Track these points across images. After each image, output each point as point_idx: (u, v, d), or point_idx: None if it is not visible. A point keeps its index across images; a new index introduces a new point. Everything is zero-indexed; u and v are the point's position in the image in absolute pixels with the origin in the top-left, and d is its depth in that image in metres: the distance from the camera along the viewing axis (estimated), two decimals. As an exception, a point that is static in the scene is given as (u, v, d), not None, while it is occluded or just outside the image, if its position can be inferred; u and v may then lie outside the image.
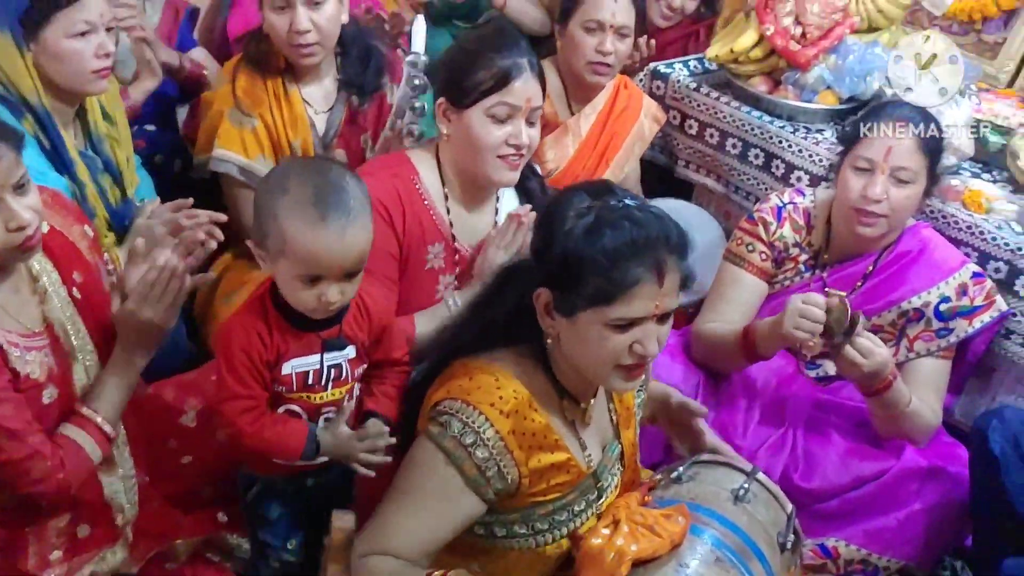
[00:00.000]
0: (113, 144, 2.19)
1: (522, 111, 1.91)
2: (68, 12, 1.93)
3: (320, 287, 1.56)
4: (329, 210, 1.52)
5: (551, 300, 1.47)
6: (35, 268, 1.60)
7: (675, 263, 1.44)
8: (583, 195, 1.47)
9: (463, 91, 1.91)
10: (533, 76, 1.91)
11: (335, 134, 2.43)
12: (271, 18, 2.24)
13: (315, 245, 1.52)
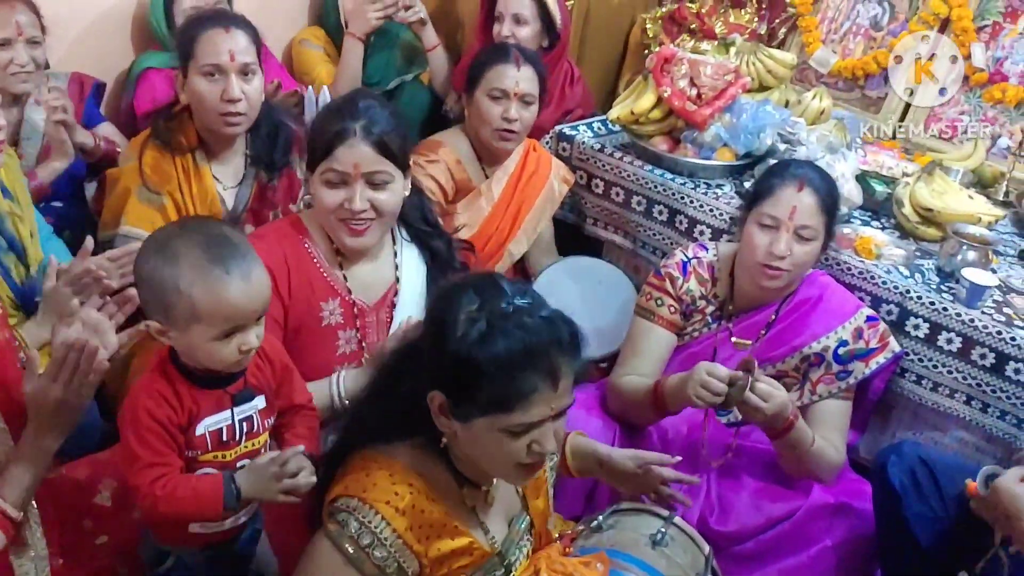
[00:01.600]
0: (15, 221, 2.15)
1: (352, 176, 1.92)
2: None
3: (238, 337, 1.55)
4: (227, 262, 1.52)
5: (445, 403, 1.46)
6: (-58, 349, 1.58)
7: (568, 364, 1.43)
8: (472, 294, 1.44)
9: (309, 158, 1.99)
10: (364, 140, 1.91)
11: (244, 209, 2.44)
12: (201, 85, 2.26)
13: (228, 300, 1.51)
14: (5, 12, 2.53)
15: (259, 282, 1.56)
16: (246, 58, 2.29)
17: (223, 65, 2.25)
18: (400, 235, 2.13)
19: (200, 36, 2.26)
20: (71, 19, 2.89)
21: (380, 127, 1.92)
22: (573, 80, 3.29)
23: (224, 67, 2.25)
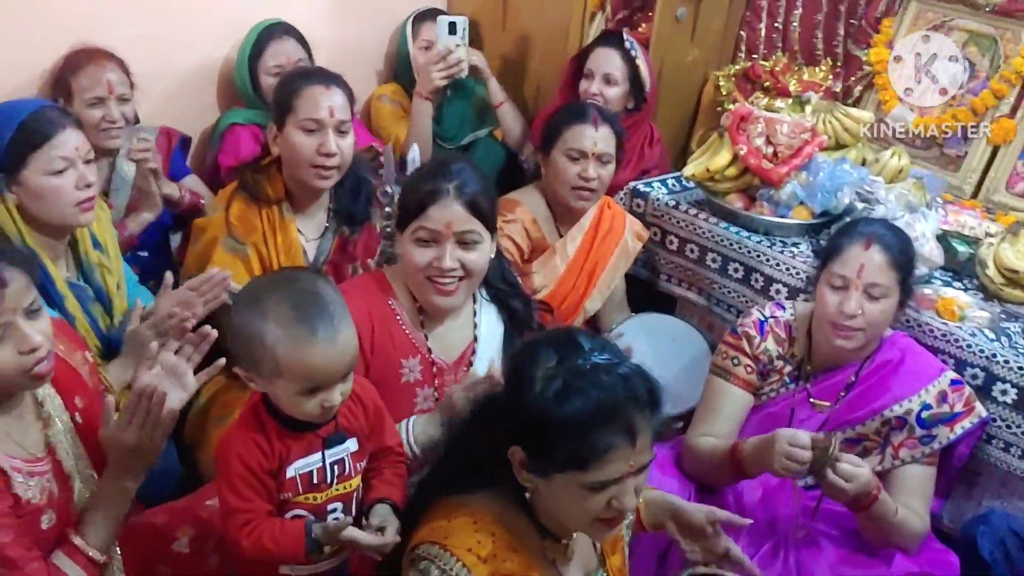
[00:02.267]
0: (104, 272, 2.23)
1: (443, 235, 1.95)
2: (43, 151, 1.99)
3: (321, 395, 1.57)
4: (315, 322, 1.53)
5: (524, 459, 1.47)
6: (39, 394, 1.63)
7: (646, 420, 1.43)
8: (550, 351, 1.46)
9: (400, 217, 2.01)
10: (457, 200, 1.94)
11: (324, 261, 2.49)
12: (298, 138, 2.32)
13: (311, 361, 1.53)
14: (97, 71, 2.65)
15: (345, 343, 1.58)
16: (343, 115, 2.36)
17: (323, 120, 2.31)
18: (480, 295, 2.15)
19: (301, 91, 2.33)
20: (161, 76, 3.00)
21: (472, 188, 1.96)
22: (652, 141, 3.31)
23: (323, 122, 2.32)
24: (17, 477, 1.52)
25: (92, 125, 2.63)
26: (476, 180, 1.98)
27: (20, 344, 1.47)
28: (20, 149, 1.99)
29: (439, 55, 3.11)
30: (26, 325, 1.48)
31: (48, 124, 2.01)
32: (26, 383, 1.54)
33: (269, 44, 3.00)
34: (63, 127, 2.02)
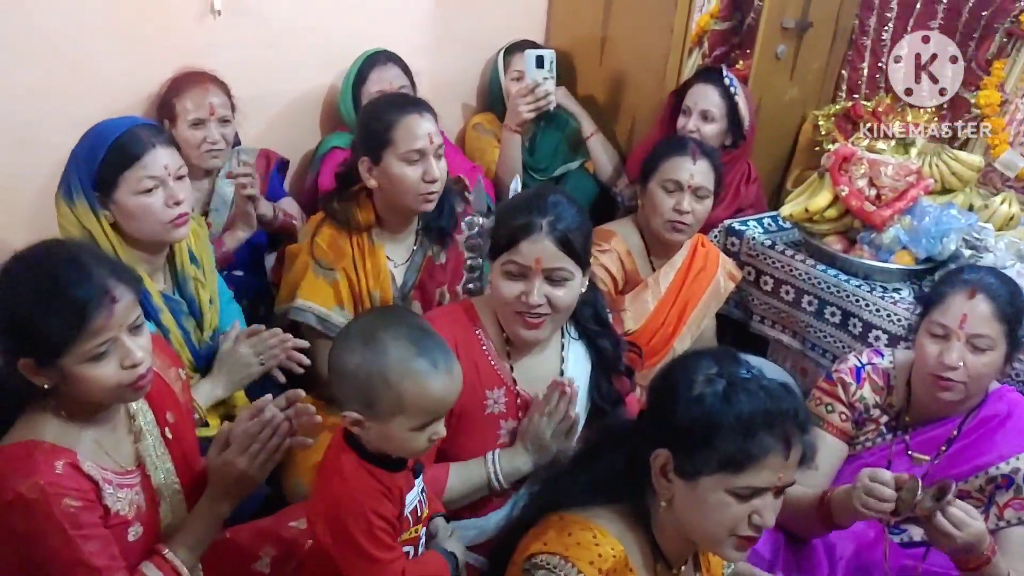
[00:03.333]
0: (198, 286, 2.26)
1: (532, 271, 1.92)
2: (133, 171, 2.03)
3: (431, 428, 1.58)
4: (434, 355, 1.56)
5: (670, 462, 1.47)
6: (132, 407, 1.66)
7: (799, 438, 1.44)
8: (708, 361, 1.48)
9: (492, 247, 2.01)
10: (549, 235, 1.91)
11: (412, 286, 2.50)
12: (402, 169, 2.32)
13: (433, 393, 1.55)
14: (200, 94, 2.72)
15: (459, 375, 1.60)
16: (439, 139, 2.37)
17: (424, 149, 2.32)
18: (568, 331, 2.12)
19: (397, 123, 2.33)
20: (264, 101, 3.07)
21: (566, 224, 1.92)
22: (749, 179, 3.27)
23: (425, 150, 2.33)
24: (107, 488, 1.55)
25: (193, 146, 2.70)
26: (571, 215, 1.95)
27: (124, 359, 1.50)
28: (112, 169, 2.04)
29: (527, 88, 3.13)
30: (130, 341, 1.51)
31: (137, 144, 2.05)
32: (125, 396, 1.57)
33: (373, 71, 3.05)
34: (152, 146, 2.06)
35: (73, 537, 1.47)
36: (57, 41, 2.62)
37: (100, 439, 1.58)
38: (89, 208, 2.05)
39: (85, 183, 2.05)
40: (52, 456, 1.48)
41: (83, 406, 1.55)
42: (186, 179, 2.14)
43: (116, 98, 2.71)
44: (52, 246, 1.56)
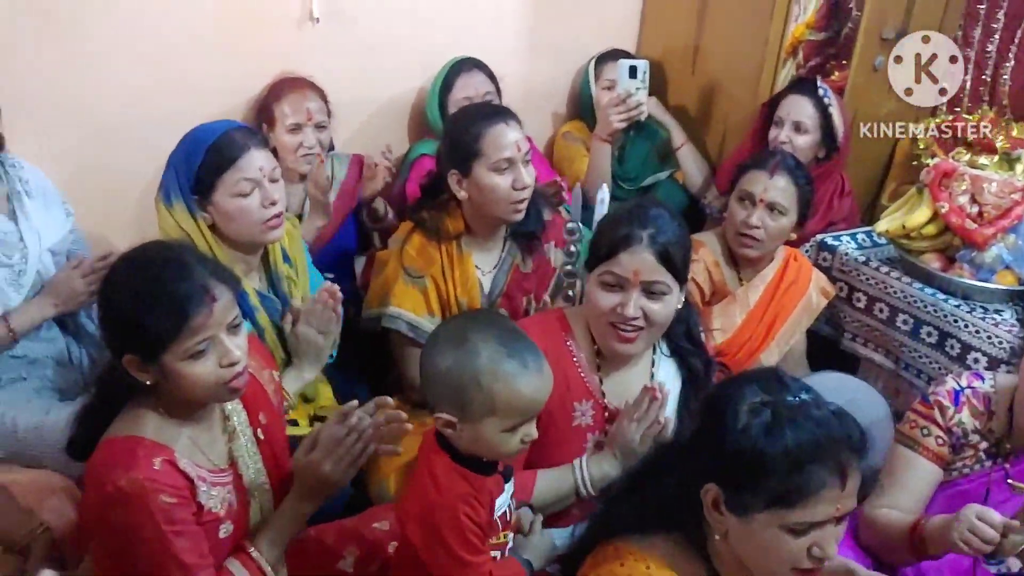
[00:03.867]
0: (291, 284, 2.32)
1: (631, 283, 1.91)
2: (230, 174, 2.08)
3: (523, 429, 1.59)
4: (524, 355, 1.57)
5: (720, 497, 1.42)
6: (227, 407, 1.70)
7: (856, 464, 1.38)
8: (755, 387, 1.42)
9: (590, 257, 1.99)
10: (649, 248, 1.90)
11: (499, 294, 2.50)
12: (493, 179, 2.33)
13: (525, 393, 1.56)
14: (299, 99, 2.78)
15: (550, 375, 1.61)
16: (525, 145, 2.37)
17: (513, 158, 2.33)
18: (660, 347, 2.11)
19: (485, 133, 2.33)
20: (358, 106, 3.13)
21: (666, 237, 1.91)
22: (843, 192, 3.19)
23: (514, 158, 2.33)
24: (202, 486, 1.59)
25: (290, 150, 2.76)
26: (673, 229, 1.94)
27: (222, 358, 1.54)
28: (209, 172, 2.09)
29: (618, 98, 3.11)
30: (228, 340, 1.55)
31: (234, 147, 2.10)
32: (222, 395, 1.61)
33: (459, 77, 3.08)
34: (247, 149, 2.10)
35: (166, 532, 1.51)
36: (165, 46, 2.72)
37: (196, 437, 1.62)
38: (187, 210, 2.11)
39: (183, 186, 2.11)
40: (151, 452, 1.53)
41: (182, 403, 1.59)
42: (280, 181, 2.18)
43: (218, 102, 2.79)
44: (156, 247, 1.62)
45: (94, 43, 2.62)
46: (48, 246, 2.41)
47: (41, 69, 2.56)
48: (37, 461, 2.13)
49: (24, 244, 2.35)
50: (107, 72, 2.66)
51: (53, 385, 2.39)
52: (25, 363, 2.36)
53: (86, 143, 2.70)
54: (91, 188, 2.68)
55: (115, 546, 1.56)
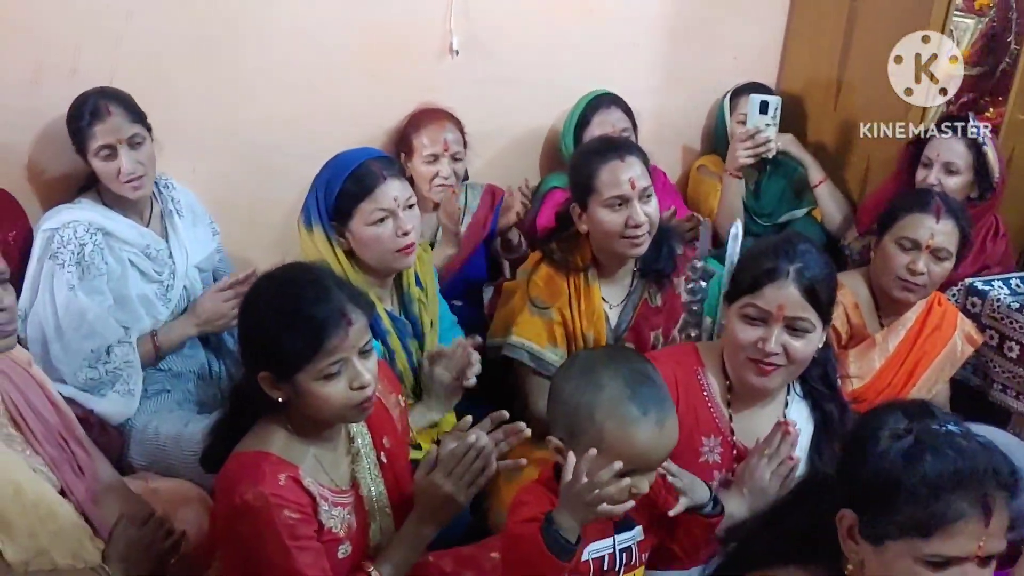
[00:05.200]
0: (421, 307, 2.36)
1: (773, 317, 1.86)
2: (366, 203, 2.15)
3: (633, 479, 1.54)
4: (647, 403, 1.53)
5: (856, 524, 1.37)
6: (352, 429, 1.73)
7: (1004, 501, 1.29)
8: (899, 414, 1.38)
9: (731, 290, 1.95)
10: (795, 283, 1.85)
11: (626, 328, 2.47)
12: (605, 216, 2.32)
13: (635, 441, 1.52)
14: (436, 130, 2.84)
15: (670, 431, 1.56)
16: (644, 182, 2.34)
17: (626, 195, 2.31)
18: (794, 387, 2.05)
19: (599, 170, 2.33)
20: (493, 138, 3.17)
21: (813, 273, 1.87)
22: (997, 235, 3.03)
23: (627, 196, 2.31)
24: (323, 505, 1.62)
25: (426, 179, 2.82)
26: (819, 265, 1.89)
27: (353, 380, 1.58)
28: (347, 201, 2.16)
29: (746, 133, 3.06)
30: (360, 363, 1.59)
31: (371, 177, 2.16)
32: (350, 416, 1.64)
33: (596, 113, 3.07)
34: (384, 179, 2.16)
35: (290, 547, 1.55)
36: (309, 74, 2.83)
37: (321, 457, 1.66)
38: (325, 236, 2.20)
39: (322, 213, 2.20)
40: (278, 468, 1.58)
41: (311, 422, 1.63)
42: (415, 209, 2.23)
43: (360, 130, 2.88)
44: (297, 268, 1.67)
45: (245, 71, 2.75)
46: (195, 263, 2.55)
47: (195, 94, 2.70)
48: (175, 471, 2.23)
49: (173, 261, 2.49)
50: (256, 99, 2.78)
51: (194, 398, 2.50)
52: (169, 376, 2.48)
53: (234, 167, 2.82)
54: (237, 210, 2.81)
55: (242, 557, 1.60)
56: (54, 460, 1.81)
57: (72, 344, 2.28)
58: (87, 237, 2.33)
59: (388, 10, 2.88)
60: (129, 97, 2.42)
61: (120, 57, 2.55)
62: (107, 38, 2.53)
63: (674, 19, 3.36)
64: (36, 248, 2.34)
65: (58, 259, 2.30)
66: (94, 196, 2.44)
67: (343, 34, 2.84)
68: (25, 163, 2.55)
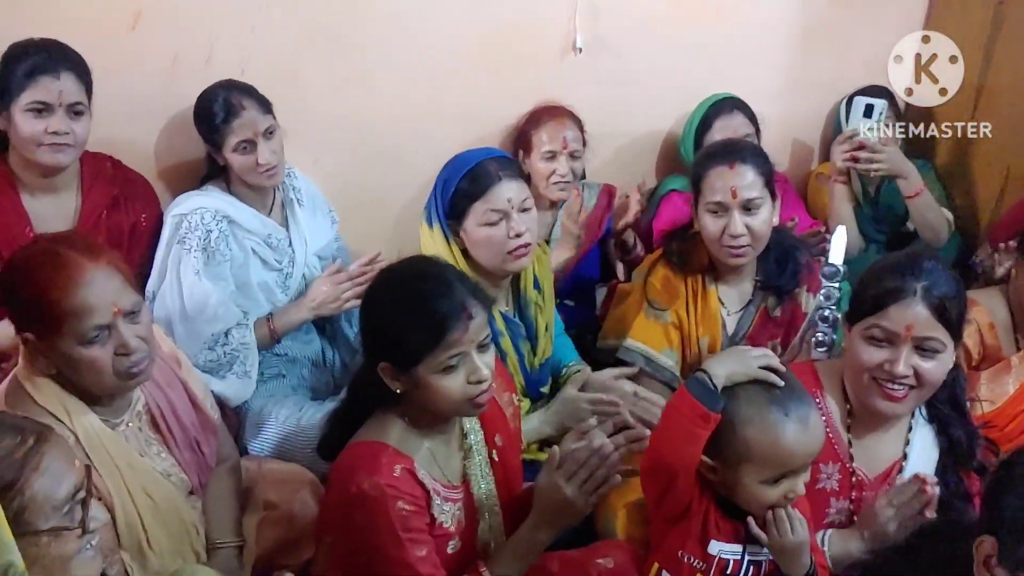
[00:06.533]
0: (536, 310, 2.35)
1: (901, 338, 1.76)
2: (480, 203, 2.14)
3: (786, 483, 1.53)
4: (787, 404, 1.52)
5: (995, 552, 1.32)
6: (466, 425, 1.73)
7: None
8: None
9: (853, 310, 1.87)
10: (923, 302, 1.76)
11: (744, 335, 2.41)
12: (707, 221, 2.30)
13: (782, 443, 1.52)
14: (556, 128, 2.82)
15: (816, 428, 1.55)
16: (749, 193, 2.26)
17: (725, 203, 2.26)
18: (919, 411, 1.95)
19: (707, 173, 2.30)
20: (610, 137, 3.12)
21: (942, 290, 1.78)
22: None
23: (725, 204, 2.26)
24: (436, 499, 1.63)
25: (543, 177, 2.80)
26: (948, 282, 1.80)
27: (470, 374, 1.58)
28: (463, 200, 2.17)
29: (844, 136, 2.95)
30: (478, 357, 1.59)
31: (486, 177, 2.16)
32: (466, 410, 1.64)
33: (718, 118, 3.00)
34: (498, 179, 2.16)
35: (403, 539, 1.56)
36: (433, 70, 2.85)
37: (435, 450, 1.66)
38: (443, 234, 2.20)
39: (440, 211, 2.21)
40: (393, 460, 1.59)
41: (427, 415, 1.64)
42: (531, 211, 2.22)
43: (479, 127, 2.89)
44: (420, 261, 1.69)
45: (371, 66, 2.78)
46: (314, 251, 2.59)
47: (321, 89, 2.75)
48: (288, 455, 2.27)
49: (292, 250, 2.54)
50: (381, 93, 2.82)
51: (307, 384, 2.55)
52: (285, 361, 2.54)
53: (355, 161, 2.86)
54: (356, 204, 2.85)
55: (353, 545, 1.62)
56: (187, 463, 1.86)
57: (195, 327, 2.35)
58: (213, 224, 2.39)
59: (513, 8, 2.88)
60: (254, 88, 2.47)
61: (253, 49, 2.62)
62: (242, 29, 2.60)
63: (804, 23, 3.26)
64: (165, 232, 2.41)
65: (185, 244, 2.36)
66: (221, 184, 2.51)
67: (468, 31, 2.86)
68: (159, 149, 2.63)
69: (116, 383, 1.67)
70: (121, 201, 2.43)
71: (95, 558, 1.24)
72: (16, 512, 1.16)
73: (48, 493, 1.19)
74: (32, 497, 1.18)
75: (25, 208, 2.29)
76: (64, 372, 1.65)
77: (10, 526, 1.11)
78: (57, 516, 1.20)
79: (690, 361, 2.39)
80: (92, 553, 1.23)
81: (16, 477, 1.17)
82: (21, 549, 1.12)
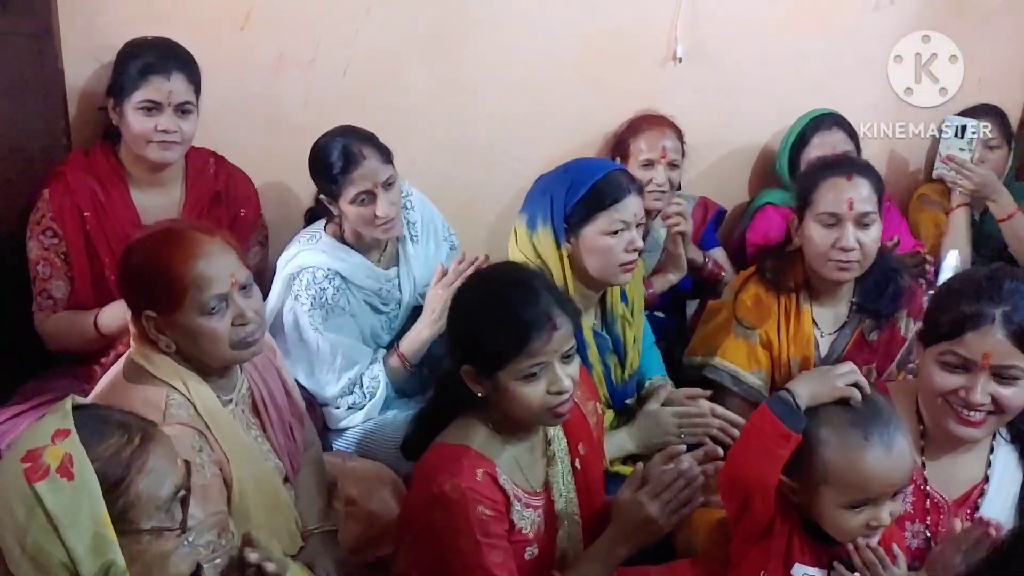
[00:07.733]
0: (624, 324, 2.32)
1: (979, 366, 1.68)
2: (608, 213, 2.12)
3: (868, 512, 1.49)
4: (870, 427, 1.48)
5: None
6: (550, 433, 1.73)
7: None
8: None
9: (927, 331, 1.79)
10: (1003, 328, 1.67)
11: (838, 357, 2.33)
12: (816, 232, 2.24)
13: (861, 467, 1.48)
14: (656, 136, 2.78)
15: (900, 455, 1.50)
16: (865, 207, 2.22)
17: (841, 214, 2.21)
18: (1000, 431, 1.86)
19: (822, 183, 2.25)
20: (709, 148, 3.08)
21: (1023, 315, 1.69)
22: None
23: (842, 216, 2.21)
24: (516, 505, 1.63)
25: (640, 186, 2.77)
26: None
27: (551, 384, 1.58)
28: (589, 207, 2.14)
29: (938, 156, 2.89)
30: (561, 368, 1.58)
31: (618, 189, 2.14)
32: (545, 419, 1.64)
33: (816, 135, 2.93)
34: (629, 192, 2.15)
35: (481, 543, 1.56)
36: (533, 76, 2.86)
37: (518, 456, 1.67)
38: (553, 238, 2.17)
39: (556, 215, 2.17)
40: (476, 463, 1.59)
41: (509, 421, 1.64)
42: (643, 228, 2.21)
43: (577, 135, 2.89)
44: (509, 268, 1.70)
45: (472, 69, 2.81)
46: (421, 290, 2.50)
47: (422, 89, 2.78)
48: (372, 453, 2.30)
49: (400, 292, 2.49)
50: (480, 98, 2.84)
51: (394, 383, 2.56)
52: (371, 359, 2.54)
53: (453, 162, 2.88)
54: (452, 205, 2.84)
55: (431, 546, 1.63)
56: (281, 448, 1.89)
57: (330, 378, 2.33)
58: (326, 283, 2.33)
59: (615, 16, 2.88)
60: (374, 136, 2.38)
61: (356, 50, 2.67)
62: (346, 31, 2.65)
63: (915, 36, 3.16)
64: (277, 285, 2.37)
65: (300, 300, 2.32)
66: (335, 230, 2.43)
67: (568, 38, 2.86)
68: (260, 147, 2.69)
69: (232, 354, 1.72)
70: (222, 196, 2.49)
71: (190, 554, 1.26)
72: (120, 511, 1.18)
73: (152, 493, 1.22)
74: (136, 496, 1.20)
75: (133, 201, 2.38)
76: (183, 347, 1.70)
77: (113, 525, 1.15)
78: (159, 516, 1.22)
79: (780, 381, 2.33)
80: (187, 550, 1.26)
81: (122, 477, 1.20)
82: (122, 547, 1.16)
